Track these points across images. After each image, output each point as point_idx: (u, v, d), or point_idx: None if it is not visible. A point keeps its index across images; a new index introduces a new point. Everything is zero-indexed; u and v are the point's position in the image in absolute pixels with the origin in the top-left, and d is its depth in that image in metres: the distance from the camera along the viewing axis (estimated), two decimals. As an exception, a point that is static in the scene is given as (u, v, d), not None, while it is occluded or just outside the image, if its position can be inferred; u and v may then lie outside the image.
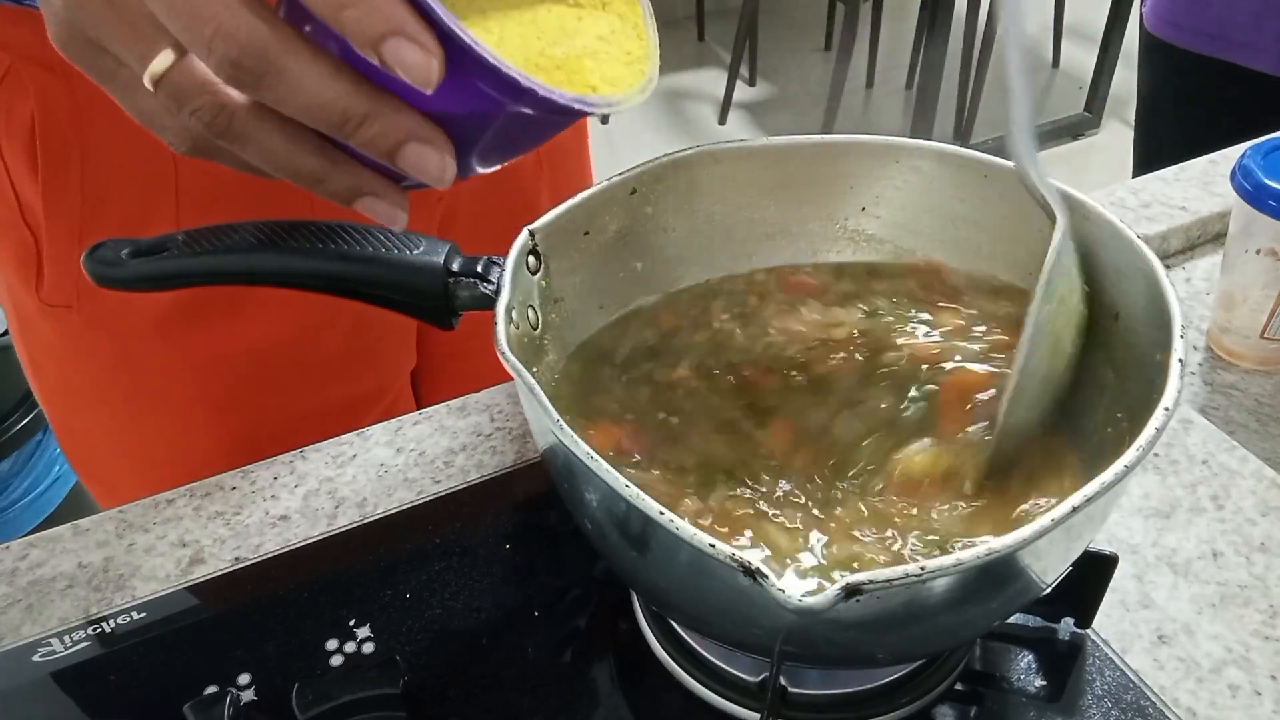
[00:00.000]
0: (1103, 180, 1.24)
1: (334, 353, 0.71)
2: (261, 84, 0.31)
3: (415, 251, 0.46)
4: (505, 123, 0.34)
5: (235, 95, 0.33)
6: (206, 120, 0.33)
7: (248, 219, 0.45)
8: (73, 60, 0.36)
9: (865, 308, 0.56)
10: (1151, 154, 1.16)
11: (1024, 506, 0.45)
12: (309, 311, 0.67)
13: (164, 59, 0.33)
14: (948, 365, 0.51)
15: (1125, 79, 2.84)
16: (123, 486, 0.70)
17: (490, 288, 0.45)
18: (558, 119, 0.35)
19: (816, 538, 0.44)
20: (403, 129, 0.33)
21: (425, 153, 0.33)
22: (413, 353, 0.79)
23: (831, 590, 0.32)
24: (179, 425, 0.70)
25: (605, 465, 0.37)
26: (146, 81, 0.34)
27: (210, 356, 0.67)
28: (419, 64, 0.30)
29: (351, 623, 0.52)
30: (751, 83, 3.11)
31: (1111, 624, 0.52)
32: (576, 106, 0.33)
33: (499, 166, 0.38)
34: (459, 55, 0.31)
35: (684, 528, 0.35)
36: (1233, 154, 0.83)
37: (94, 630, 0.52)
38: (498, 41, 0.33)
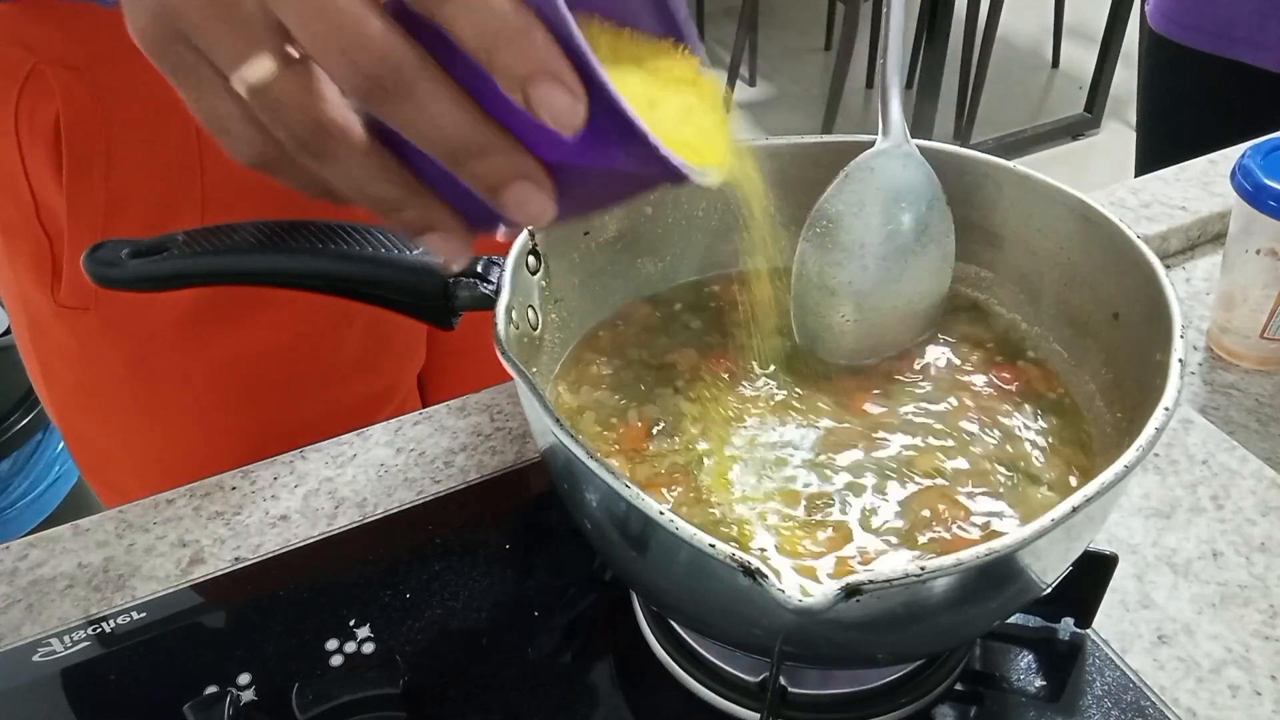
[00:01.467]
0: (1103, 180, 1.24)
1: (349, 354, 0.71)
2: (391, 102, 0.30)
3: (415, 251, 0.46)
4: (605, 177, 0.34)
5: (334, 116, 0.32)
6: (299, 136, 0.32)
7: (272, 219, 0.45)
8: (146, 48, 0.34)
9: None
10: (1153, 153, 1.16)
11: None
12: (325, 313, 0.67)
13: (264, 66, 0.31)
14: None
15: (1125, 79, 2.84)
16: (132, 490, 0.69)
17: (490, 288, 0.45)
18: (658, 180, 0.35)
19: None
20: (516, 168, 0.32)
21: (531, 193, 0.32)
22: (422, 352, 0.79)
23: (831, 590, 0.32)
24: (193, 428, 0.69)
25: (605, 465, 0.37)
26: (237, 86, 0.32)
27: (226, 359, 0.67)
28: (565, 110, 0.29)
29: (351, 623, 0.52)
30: (751, 83, 3.11)
31: (1111, 624, 0.52)
32: (684, 170, 0.33)
33: (578, 219, 0.38)
34: (599, 105, 0.30)
35: (684, 528, 0.35)
36: (1233, 154, 0.83)
37: (94, 630, 0.52)
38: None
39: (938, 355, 0.54)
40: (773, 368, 0.53)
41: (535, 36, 0.29)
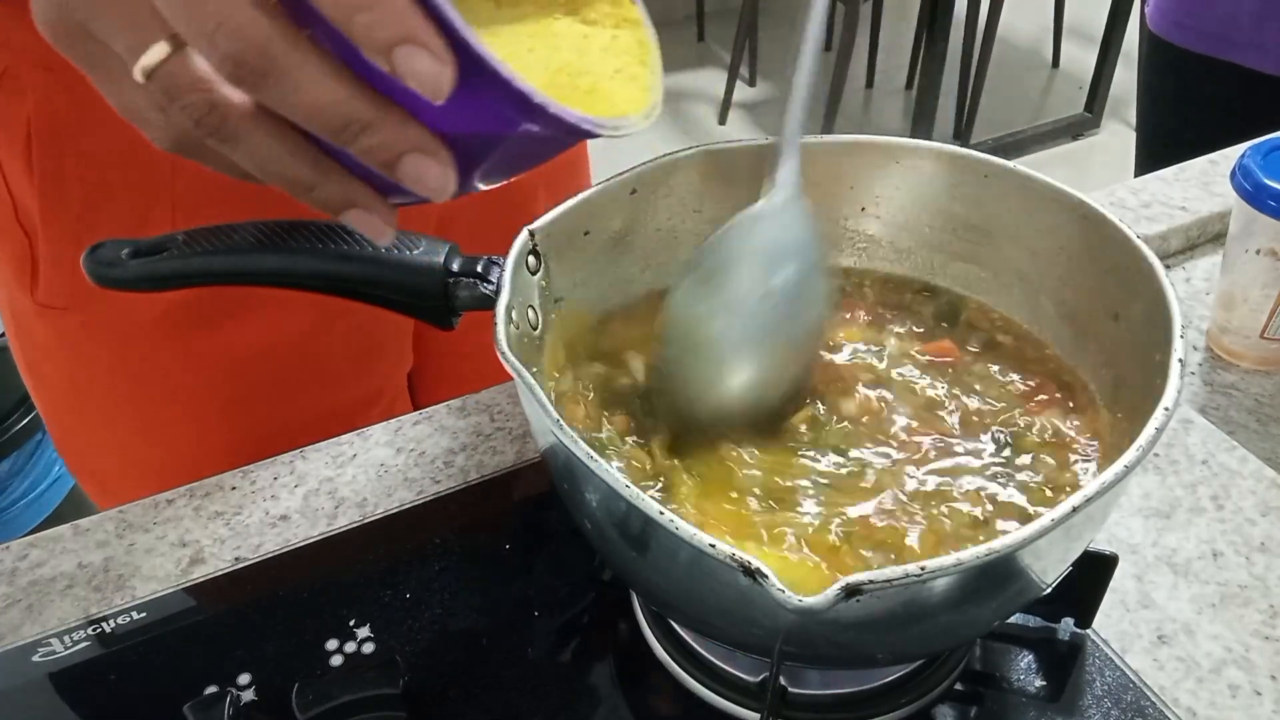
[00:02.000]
0: (1103, 180, 1.24)
1: (334, 356, 0.71)
2: (264, 83, 0.30)
3: (415, 251, 0.46)
4: (510, 140, 0.33)
5: (229, 95, 0.32)
6: (197, 118, 0.32)
7: (244, 220, 0.45)
8: (57, 45, 0.35)
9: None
10: (1153, 154, 1.16)
11: None
12: (309, 316, 0.67)
13: (157, 51, 0.32)
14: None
15: (1125, 79, 2.84)
16: (121, 490, 0.69)
17: (490, 288, 0.45)
18: (564, 138, 0.34)
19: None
20: (406, 139, 0.32)
21: (426, 165, 0.32)
22: (410, 354, 0.79)
23: (831, 590, 0.32)
24: (178, 429, 0.69)
25: (605, 465, 0.37)
26: (137, 74, 0.32)
27: (209, 361, 0.67)
28: (430, 73, 0.29)
29: (351, 623, 0.52)
30: (751, 83, 3.11)
31: (1111, 624, 0.52)
32: (585, 126, 0.32)
33: (500, 184, 0.37)
34: (471, 67, 0.29)
35: (684, 528, 0.35)
36: (1233, 154, 0.83)
37: (94, 630, 0.52)
38: (508, 56, 0.32)
39: (936, 355, 0.54)
40: None
41: (394, 1, 0.28)
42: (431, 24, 0.29)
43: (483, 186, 0.36)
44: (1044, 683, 0.50)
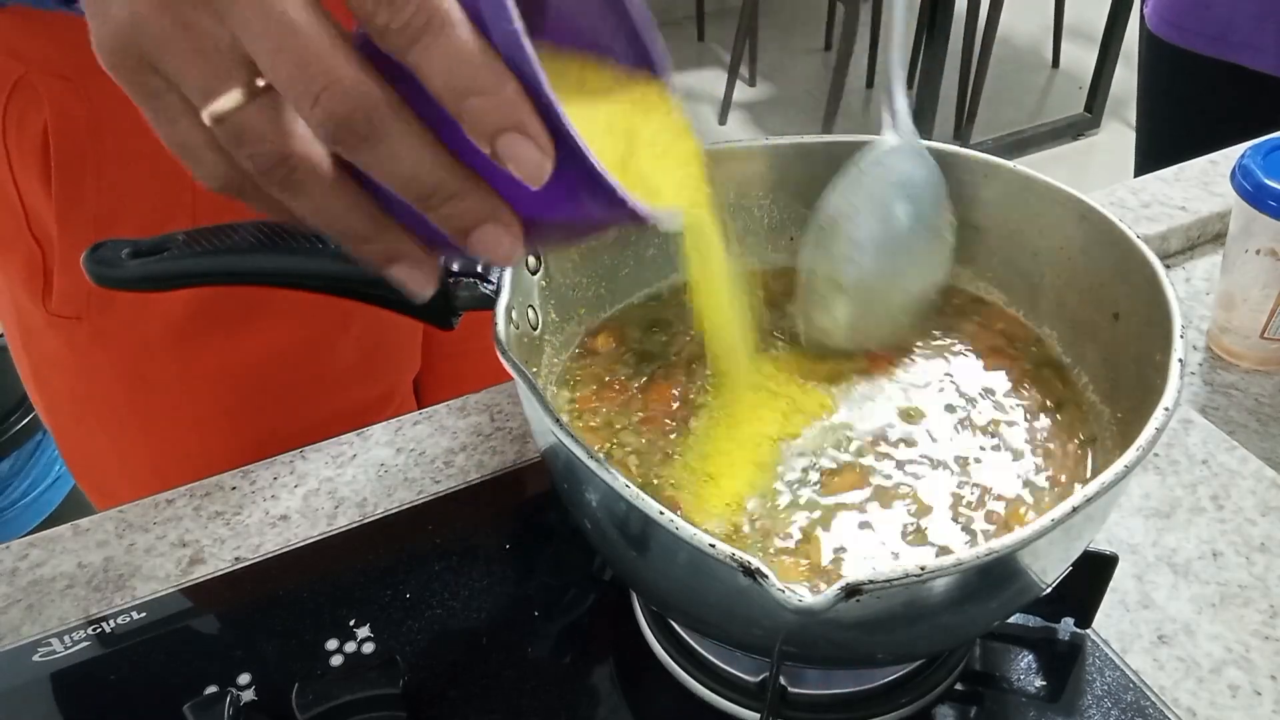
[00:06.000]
0: (1103, 180, 1.24)
1: (344, 361, 0.71)
2: (363, 146, 0.30)
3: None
4: (577, 221, 0.34)
5: (299, 149, 0.31)
6: (265, 167, 0.32)
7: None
8: (114, 72, 0.34)
9: None
10: (1153, 154, 1.16)
11: None
12: (320, 320, 0.67)
13: (232, 98, 0.31)
14: None
15: (1125, 79, 2.84)
16: (127, 497, 0.69)
17: (490, 287, 0.45)
18: (624, 224, 0.34)
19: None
20: (486, 211, 0.32)
21: (500, 235, 0.32)
22: (418, 357, 0.79)
23: (831, 590, 0.32)
24: (187, 437, 0.69)
25: (606, 465, 0.37)
26: (205, 117, 0.31)
27: (220, 368, 0.66)
28: (533, 164, 0.29)
29: (351, 623, 0.52)
30: (751, 83, 3.11)
31: (1111, 624, 0.52)
32: (651, 221, 0.33)
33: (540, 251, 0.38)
34: (567, 159, 0.30)
35: (684, 528, 0.35)
36: (1233, 154, 0.83)
37: (94, 630, 0.52)
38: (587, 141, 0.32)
39: (937, 355, 0.54)
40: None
41: (506, 90, 0.29)
42: (537, 114, 0.29)
43: (532, 253, 0.36)
44: (1044, 683, 0.50)
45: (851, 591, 0.33)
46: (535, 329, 0.49)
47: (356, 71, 0.29)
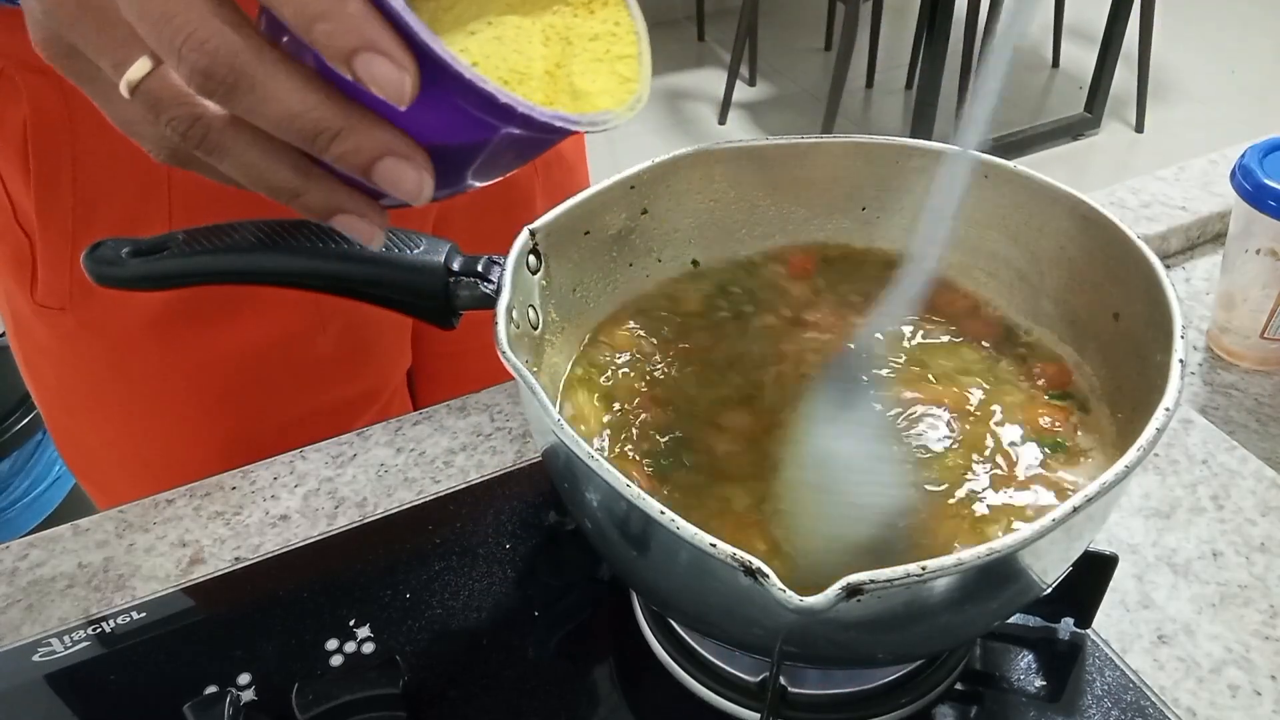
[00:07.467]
0: (1103, 180, 1.24)
1: (328, 354, 0.71)
2: (233, 95, 0.30)
3: (416, 251, 0.46)
4: (492, 142, 0.33)
5: (212, 107, 0.32)
6: (181, 131, 0.33)
7: (273, 219, 0.45)
8: (53, 63, 0.36)
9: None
10: None
11: None
12: (303, 313, 0.67)
13: (140, 67, 0.32)
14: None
15: (1125, 79, 2.84)
16: (119, 488, 0.70)
17: (491, 287, 0.45)
18: (545, 137, 0.33)
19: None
20: (378, 144, 0.32)
21: (401, 169, 0.32)
22: (408, 353, 0.79)
23: (832, 590, 0.32)
24: (173, 427, 0.70)
25: (606, 465, 0.37)
26: (122, 89, 0.33)
27: (204, 359, 0.67)
28: (392, 79, 0.29)
29: (351, 623, 0.52)
30: (751, 83, 3.11)
31: (1111, 624, 0.52)
32: (558, 124, 0.32)
33: (496, 180, 0.37)
34: (435, 72, 0.29)
35: (684, 528, 0.35)
36: (1233, 154, 0.83)
37: (94, 630, 0.52)
38: (482, 56, 0.32)
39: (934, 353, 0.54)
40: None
41: (348, 7, 0.29)
42: (390, 30, 0.29)
43: (477, 184, 0.36)
44: (1044, 683, 0.50)
45: (852, 591, 0.33)
46: (536, 328, 0.49)
47: (215, 24, 0.30)
